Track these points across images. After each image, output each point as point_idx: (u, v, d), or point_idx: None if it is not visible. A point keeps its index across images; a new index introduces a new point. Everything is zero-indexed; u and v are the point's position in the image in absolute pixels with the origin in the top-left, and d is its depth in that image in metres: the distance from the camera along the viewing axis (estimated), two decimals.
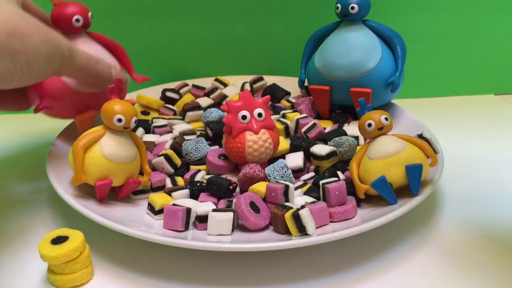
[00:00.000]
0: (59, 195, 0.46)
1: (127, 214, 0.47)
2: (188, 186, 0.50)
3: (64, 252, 0.39)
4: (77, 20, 0.52)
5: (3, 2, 0.42)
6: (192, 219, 0.45)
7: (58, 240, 0.40)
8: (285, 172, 0.49)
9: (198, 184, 0.50)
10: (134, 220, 0.46)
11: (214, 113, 0.60)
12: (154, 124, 0.61)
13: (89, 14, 0.53)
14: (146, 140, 0.57)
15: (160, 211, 0.46)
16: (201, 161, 0.54)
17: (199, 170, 0.52)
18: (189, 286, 0.42)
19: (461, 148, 0.63)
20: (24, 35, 0.40)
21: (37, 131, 0.69)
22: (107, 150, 0.45)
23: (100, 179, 0.46)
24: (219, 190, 0.48)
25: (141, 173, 0.50)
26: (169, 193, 0.49)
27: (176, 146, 0.55)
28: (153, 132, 0.60)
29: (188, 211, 0.44)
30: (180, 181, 0.51)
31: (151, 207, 0.47)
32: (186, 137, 0.58)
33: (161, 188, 0.51)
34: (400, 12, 0.74)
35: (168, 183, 0.51)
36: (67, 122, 0.59)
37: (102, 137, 0.46)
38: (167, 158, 0.53)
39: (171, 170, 0.53)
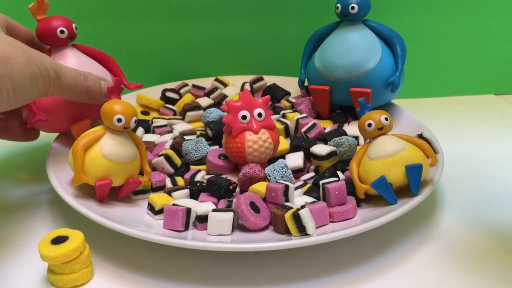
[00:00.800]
0: (59, 195, 0.46)
1: (127, 214, 0.47)
2: (188, 186, 0.50)
3: (64, 252, 0.39)
4: (62, 32, 0.52)
5: None
6: (192, 219, 0.45)
7: (58, 240, 0.40)
8: (285, 172, 0.49)
9: (198, 184, 0.50)
10: (134, 220, 0.46)
11: (214, 113, 0.60)
12: (154, 124, 0.61)
13: (73, 25, 0.53)
14: (146, 140, 0.57)
15: (160, 211, 0.46)
16: (201, 161, 0.54)
17: (199, 170, 0.52)
18: (189, 286, 0.42)
19: (461, 148, 0.63)
20: (7, 59, 0.41)
21: None
22: (107, 150, 0.45)
23: (100, 179, 0.46)
24: (219, 190, 0.48)
25: (142, 173, 0.50)
26: (169, 193, 0.49)
27: (176, 146, 0.55)
28: (153, 132, 0.60)
29: (188, 211, 0.44)
30: (180, 181, 0.51)
31: (151, 207, 0.47)
32: (186, 137, 0.58)
33: (161, 188, 0.51)
34: (400, 12, 0.74)
35: (168, 183, 0.51)
36: None
37: (102, 137, 0.46)
38: (167, 158, 0.53)
39: (171, 170, 0.53)
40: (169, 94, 0.68)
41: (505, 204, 0.52)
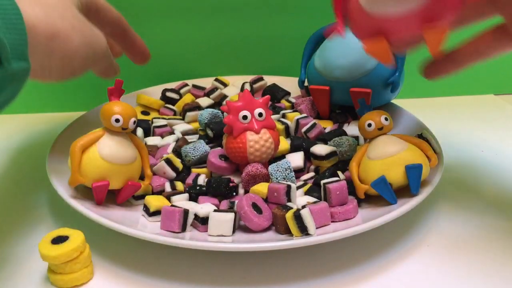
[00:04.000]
0: (59, 195, 0.46)
1: (127, 215, 0.47)
2: (186, 189, 0.50)
3: (64, 252, 0.39)
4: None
5: (56, 4, 0.45)
6: (189, 220, 0.44)
7: (58, 240, 0.40)
8: (288, 174, 0.49)
9: (198, 187, 0.50)
10: (134, 221, 0.46)
11: (205, 114, 0.59)
12: (154, 124, 0.61)
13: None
14: (149, 144, 0.57)
15: (155, 213, 0.46)
16: (201, 161, 0.54)
17: (199, 174, 0.52)
18: (189, 286, 0.42)
19: (461, 148, 0.63)
20: (65, 38, 0.44)
21: (38, 131, 0.69)
22: (104, 151, 0.45)
23: (97, 180, 0.45)
24: (219, 187, 0.48)
25: (143, 177, 0.50)
26: (168, 197, 0.48)
27: (178, 150, 0.55)
28: (153, 132, 0.60)
29: (186, 212, 0.44)
30: (179, 185, 0.51)
31: (146, 209, 0.47)
32: (188, 138, 0.58)
33: (162, 193, 0.51)
34: None
35: (167, 188, 0.51)
36: (68, 121, 0.59)
37: (101, 138, 0.46)
38: (168, 162, 0.52)
39: (173, 174, 0.52)
40: (169, 94, 0.68)
41: (504, 204, 0.52)
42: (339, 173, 0.51)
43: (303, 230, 0.42)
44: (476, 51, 0.45)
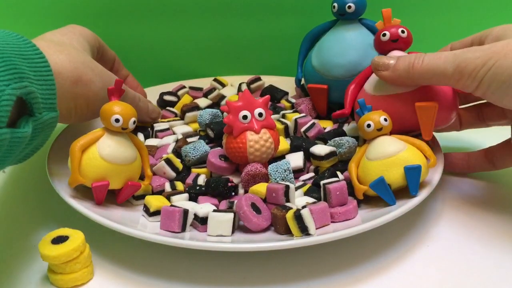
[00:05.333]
0: (59, 195, 0.46)
1: (127, 215, 0.47)
2: (186, 189, 0.50)
3: (65, 252, 0.39)
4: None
5: (76, 52, 0.48)
6: (189, 220, 0.45)
7: (59, 240, 0.40)
8: (287, 175, 0.49)
9: (197, 187, 0.50)
10: (134, 221, 0.46)
11: (205, 115, 0.59)
12: (156, 128, 0.60)
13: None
14: (148, 144, 0.57)
15: (155, 213, 0.46)
16: (201, 161, 0.54)
17: (199, 174, 0.52)
18: (189, 286, 0.42)
19: (461, 148, 0.63)
20: (87, 82, 0.47)
21: None
22: (104, 151, 0.45)
23: (97, 180, 0.45)
24: (217, 187, 0.48)
25: (143, 178, 0.50)
26: (168, 197, 0.48)
27: (178, 150, 0.55)
28: (156, 137, 0.60)
29: (185, 212, 0.44)
30: (179, 185, 0.51)
31: (146, 209, 0.47)
32: (188, 139, 0.58)
33: (162, 193, 0.51)
34: (397, 11, 0.74)
35: (167, 188, 0.51)
36: None
37: (101, 138, 0.46)
38: (168, 162, 0.52)
39: (173, 174, 0.52)
40: (167, 97, 0.67)
41: (504, 204, 0.52)
42: (339, 173, 0.51)
43: (304, 230, 0.42)
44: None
